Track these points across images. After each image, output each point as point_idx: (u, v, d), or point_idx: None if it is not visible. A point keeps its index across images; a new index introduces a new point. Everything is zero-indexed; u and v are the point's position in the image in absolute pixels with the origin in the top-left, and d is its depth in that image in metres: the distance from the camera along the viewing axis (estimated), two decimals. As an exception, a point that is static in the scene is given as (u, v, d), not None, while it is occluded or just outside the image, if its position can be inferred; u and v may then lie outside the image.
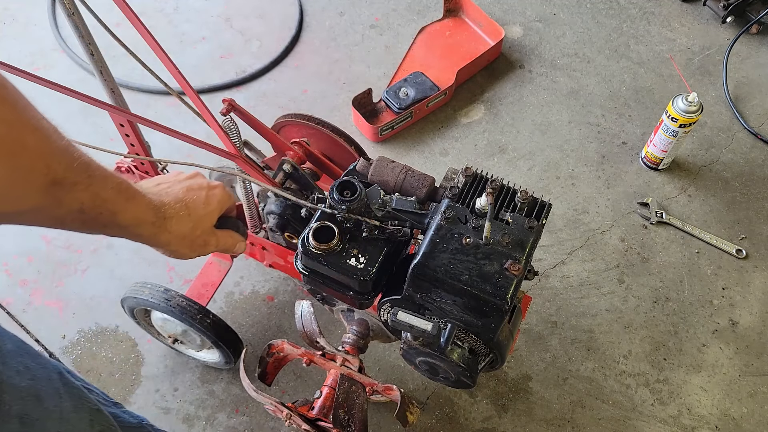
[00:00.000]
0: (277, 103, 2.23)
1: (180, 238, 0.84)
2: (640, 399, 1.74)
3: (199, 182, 0.89)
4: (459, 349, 1.06)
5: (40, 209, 0.65)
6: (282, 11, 2.45)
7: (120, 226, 0.75)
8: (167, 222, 0.81)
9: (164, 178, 0.89)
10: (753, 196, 2.06)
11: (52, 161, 0.63)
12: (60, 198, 0.65)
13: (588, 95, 2.27)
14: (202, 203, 0.86)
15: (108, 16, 1.19)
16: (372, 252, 1.06)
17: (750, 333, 1.83)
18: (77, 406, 0.89)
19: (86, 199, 0.68)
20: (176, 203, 0.83)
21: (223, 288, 1.85)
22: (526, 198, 1.05)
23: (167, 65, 1.28)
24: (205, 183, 0.89)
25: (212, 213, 0.88)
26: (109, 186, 0.71)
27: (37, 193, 0.63)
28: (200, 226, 0.86)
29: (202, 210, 0.86)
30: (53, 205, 0.65)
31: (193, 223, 0.85)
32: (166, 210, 0.81)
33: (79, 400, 0.90)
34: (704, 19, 2.45)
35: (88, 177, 0.68)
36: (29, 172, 0.61)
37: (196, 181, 0.89)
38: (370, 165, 1.14)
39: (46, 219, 0.68)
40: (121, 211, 0.74)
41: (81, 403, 0.90)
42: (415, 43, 2.34)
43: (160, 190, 0.84)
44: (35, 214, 0.65)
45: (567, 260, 1.94)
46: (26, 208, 0.64)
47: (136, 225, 0.77)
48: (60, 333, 1.81)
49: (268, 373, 1.39)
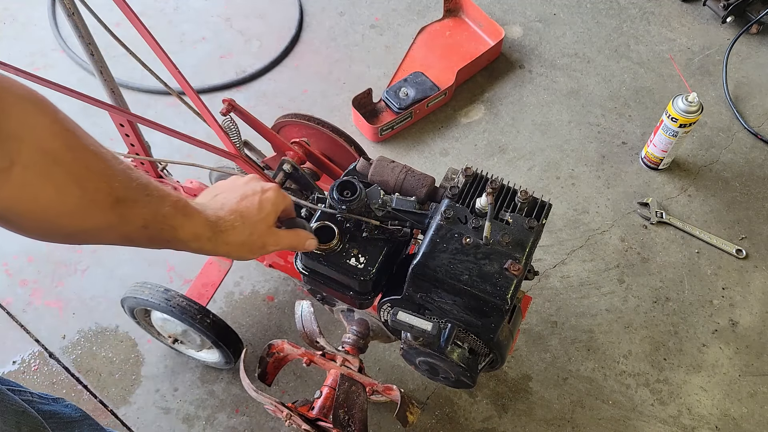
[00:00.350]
0: (277, 103, 2.23)
1: (238, 246, 0.87)
2: (640, 399, 1.74)
3: (253, 188, 0.92)
4: (459, 349, 1.06)
5: (111, 226, 0.71)
6: (282, 11, 2.45)
7: (181, 241, 0.80)
8: (223, 235, 0.85)
9: (221, 187, 0.92)
10: (753, 196, 2.06)
11: (113, 182, 0.69)
12: (125, 215, 0.71)
13: (588, 95, 2.27)
14: (256, 209, 0.89)
15: (108, 16, 1.19)
16: (372, 252, 1.06)
17: (750, 333, 1.83)
18: (1, 409, 0.88)
19: (148, 215, 0.74)
20: (231, 215, 0.86)
21: (223, 288, 1.85)
22: (526, 198, 1.05)
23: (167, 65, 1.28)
24: (259, 188, 0.92)
25: (267, 217, 0.91)
26: (167, 204, 0.76)
27: (104, 211, 0.69)
28: (256, 231, 0.89)
29: (256, 216, 0.89)
30: (120, 222, 0.71)
31: (249, 230, 0.88)
32: (222, 224, 0.85)
33: (2, 404, 0.90)
34: (704, 19, 2.45)
35: (146, 195, 0.73)
36: (95, 192, 0.67)
37: (250, 186, 0.92)
38: (370, 165, 1.14)
39: (118, 236, 0.73)
40: (180, 227, 0.78)
41: (4, 407, 0.90)
42: (415, 43, 2.34)
43: (216, 203, 0.88)
44: (108, 231, 0.71)
45: (567, 260, 1.94)
46: (99, 225, 0.70)
47: (195, 240, 0.81)
48: (60, 333, 1.81)
49: (268, 373, 1.39)
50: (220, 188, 0.92)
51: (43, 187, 0.63)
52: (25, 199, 0.62)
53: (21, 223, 0.65)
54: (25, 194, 0.61)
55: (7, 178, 0.59)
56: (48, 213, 0.65)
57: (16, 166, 0.60)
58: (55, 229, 0.68)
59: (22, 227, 0.66)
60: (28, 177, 0.61)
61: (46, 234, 0.68)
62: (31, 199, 0.62)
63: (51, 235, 0.69)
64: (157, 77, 1.32)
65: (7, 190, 0.60)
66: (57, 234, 0.69)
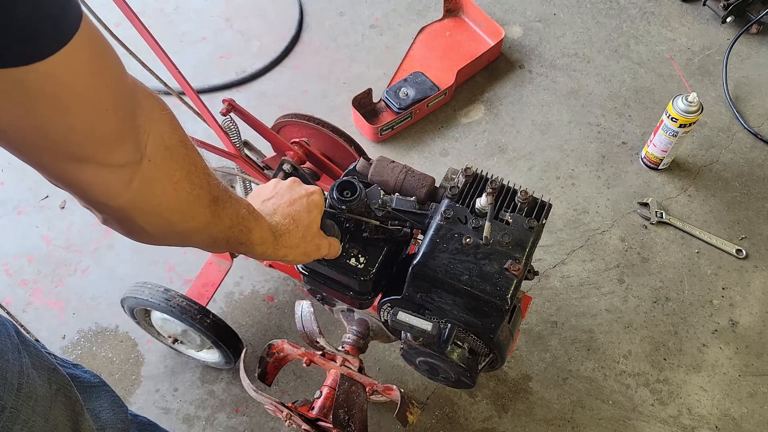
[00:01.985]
0: (277, 103, 2.23)
1: (294, 248, 0.91)
2: (640, 399, 1.74)
3: (299, 192, 0.94)
4: (459, 349, 1.06)
5: (206, 225, 0.72)
6: (282, 11, 2.45)
7: (251, 243, 0.82)
8: (282, 238, 0.88)
9: (266, 192, 0.95)
10: (753, 196, 2.06)
11: (211, 179, 0.71)
12: (217, 214, 0.73)
13: (588, 95, 2.27)
14: (306, 212, 0.92)
15: (108, 16, 1.19)
16: (372, 252, 1.06)
17: (750, 333, 1.83)
18: (35, 363, 0.90)
19: (233, 215, 0.76)
20: (285, 219, 0.89)
21: (223, 288, 1.85)
22: (526, 198, 1.05)
23: (167, 65, 1.28)
24: (304, 191, 0.95)
25: (316, 218, 0.94)
26: (243, 206, 0.79)
27: (206, 208, 0.71)
28: (308, 233, 0.92)
29: (306, 219, 0.92)
30: (213, 221, 0.73)
31: (302, 233, 0.91)
32: (279, 228, 0.88)
33: (37, 358, 0.91)
34: (704, 19, 2.45)
35: (229, 197, 0.75)
36: (200, 188, 0.68)
37: (297, 191, 0.94)
38: (370, 165, 1.14)
39: (207, 236, 0.75)
40: (254, 229, 0.81)
41: (39, 361, 0.91)
42: (415, 43, 2.34)
43: (267, 208, 0.90)
44: (203, 230, 0.72)
45: (567, 260, 1.95)
46: (199, 223, 0.71)
47: (261, 243, 0.84)
48: (60, 333, 1.81)
49: (268, 373, 1.39)
50: (264, 194, 0.94)
51: (164, 181, 0.64)
52: (150, 194, 0.63)
53: (141, 220, 0.65)
54: (150, 189, 0.62)
55: (137, 170, 0.60)
56: (164, 209, 0.65)
57: (144, 159, 0.60)
58: (166, 226, 0.68)
59: (138, 225, 0.66)
60: (154, 171, 0.62)
61: (158, 232, 0.68)
62: (154, 194, 0.63)
63: (161, 233, 0.69)
64: (157, 77, 1.32)
65: (136, 183, 0.61)
66: (167, 232, 0.69)
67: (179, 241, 0.74)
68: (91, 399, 1.13)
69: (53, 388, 0.93)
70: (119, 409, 1.19)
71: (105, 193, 0.60)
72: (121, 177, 0.60)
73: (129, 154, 0.59)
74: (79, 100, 0.53)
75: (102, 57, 0.55)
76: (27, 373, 0.86)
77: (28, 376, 0.86)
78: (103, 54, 0.56)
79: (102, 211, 0.64)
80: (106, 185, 0.59)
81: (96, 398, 1.15)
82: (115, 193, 0.60)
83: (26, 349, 0.88)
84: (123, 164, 0.59)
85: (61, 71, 0.50)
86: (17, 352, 0.85)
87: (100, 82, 0.55)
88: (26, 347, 0.89)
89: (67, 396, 0.96)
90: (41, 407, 0.88)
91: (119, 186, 0.60)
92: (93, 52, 0.54)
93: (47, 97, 0.51)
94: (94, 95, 0.54)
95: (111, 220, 0.65)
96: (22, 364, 0.85)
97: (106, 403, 1.16)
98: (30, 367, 0.87)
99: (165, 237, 0.70)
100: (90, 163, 0.57)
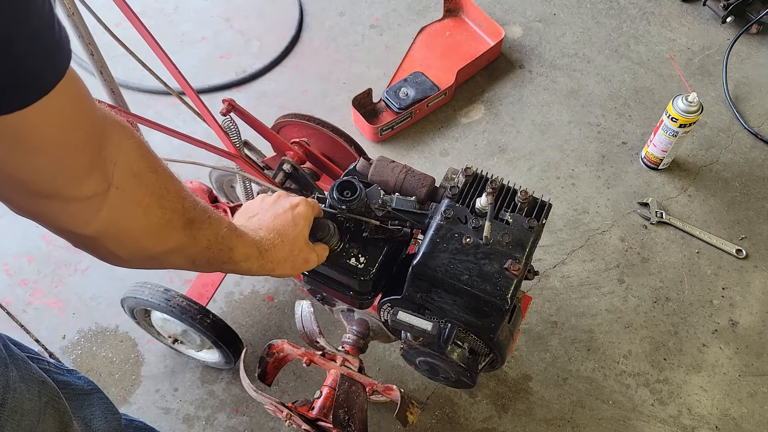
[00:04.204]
0: (277, 103, 2.23)
1: (282, 262, 0.90)
2: (640, 399, 1.74)
3: (283, 205, 0.94)
4: (459, 349, 1.06)
5: (182, 247, 0.72)
6: (282, 11, 2.45)
7: (235, 261, 0.82)
8: (268, 253, 0.87)
9: (252, 209, 0.95)
10: (753, 196, 2.06)
11: (185, 203, 0.71)
12: (194, 236, 0.73)
13: (588, 95, 2.27)
14: (291, 225, 0.92)
15: (108, 16, 1.20)
16: (372, 252, 1.06)
17: (750, 333, 1.83)
18: (24, 376, 0.90)
19: (211, 236, 0.76)
20: (270, 233, 0.89)
21: (223, 288, 1.85)
22: (526, 198, 1.05)
23: (167, 65, 1.28)
24: (288, 204, 0.95)
25: (303, 231, 0.94)
26: (224, 225, 0.79)
27: (178, 231, 0.71)
28: (296, 246, 0.92)
29: (292, 232, 0.92)
30: (189, 243, 0.73)
31: (289, 246, 0.91)
32: (264, 243, 0.87)
33: (26, 371, 0.91)
34: (704, 19, 2.45)
35: (208, 217, 0.76)
36: (172, 212, 0.69)
37: (281, 204, 0.95)
38: (370, 165, 1.14)
39: (185, 258, 0.75)
40: (235, 248, 0.81)
41: (28, 374, 0.91)
42: (415, 43, 2.34)
43: (253, 224, 0.90)
44: (178, 252, 0.73)
45: (567, 260, 1.94)
46: (173, 246, 0.71)
47: (245, 260, 0.84)
48: (60, 333, 1.81)
49: (268, 373, 1.39)
50: (251, 210, 0.95)
51: (133, 208, 0.64)
52: (118, 221, 0.63)
53: (112, 246, 0.65)
54: (118, 216, 0.63)
55: (104, 200, 0.60)
56: (135, 233, 0.66)
57: (111, 188, 0.61)
58: (138, 251, 0.68)
59: (109, 251, 0.66)
60: (121, 199, 0.62)
61: (131, 256, 0.69)
62: (122, 220, 0.63)
63: (134, 258, 0.69)
64: (157, 77, 1.32)
65: (104, 212, 0.61)
66: (139, 256, 0.70)
67: (155, 265, 0.74)
68: (83, 406, 1.13)
69: (42, 401, 0.93)
70: (112, 417, 1.19)
71: (73, 224, 0.60)
72: (89, 207, 0.60)
73: (96, 185, 0.59)
74: (51, 143, 0.53)
75: (78, 101, 0.56)
76: (14, 388, 0.86)
77: (15, 390, 0.86)
78: (79, 98, 0.56)
79: (72, 239, 0.64)
80: (74, 216, 0.60)
81: (88, 405, 1.14)
82: (84, 223, 0.61)
83: (14, 363, 0.88)
84: (91, 195, 0.59)
85: (38, 119, 0.51)
86: (4, 366, 0.85)
87: (74, 124, 0.55)
88: (14, 361, 0.89)
89: (55, 408, 0.96)
90: (27, 421, 0.88)
91: (87, 216, 0.60)
92: (70, 98, 0.54)
93: (20, 142, 0.51)
94: (67, 137, 0.55)
95: (81, 246, 0.66)
96: (8, 379, 0.85)
97: (98, 411, 1.16)
98: (18, 381, 0.87)
99: (139, 261, 0.71)
100: (58, 197, 0.57)
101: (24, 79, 0.48)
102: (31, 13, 0.47)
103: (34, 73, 0.49)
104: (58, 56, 0.51)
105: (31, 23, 0.47)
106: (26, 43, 0.47)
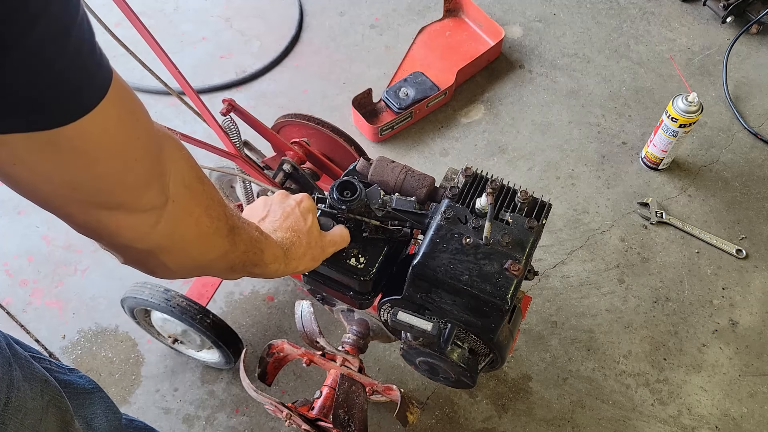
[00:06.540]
0: (277, 103, 2.23)
1: (303, 257, 0.93)
2: (640, 399, 1.74)
3: (290, 204, 0.97)
4: (459, 349, 1.06)
5: (225, 254, 0.74)
6: (282, 11, 2.45)
7: (265, 262, 0.84)
8: (290, 251, 0.90)
9: (259, 212, 0.97)
10: (753, 196, 2.06)
11: (226, 210, 0.73)
12: (234, 242, 0.75)
13: (588, 95, 2.27)
14: (302, 221, 0.95)
15: (108, 16, 1.19)
16: (372, 252, 1.06)
17: (750, 333, 1.83)
18: (27, 376, 0.90)
19: (247, 240, 0.78)
20: (287, 233, 0.92)
21: (223, 288, 1.85)
22: (526, 198, 1.05)
23: (167, 65, 1.28)
24: (294, 202, 0.97)
25: (313, 223, 0.97)
26: (254, 228, 0.81)
27: (224, 239, 0.72)
28: (311, 240, 0.95)
29: (304, 227, 0.94)
30: (231, 249, 0.75)
31: (306, 241, 0.93)
32: (285, 242, 0.90)
33: (29, 371, 0.92)
34: (704, 19, 2.45)
35: (243, 222, 0.78)
36: (218, 220, 0.70)
37: (287, 203, 0.97)
38: (370, 165, 1.14)
39: (226, 264, 0.76)
40: (266, 249, 0.83)
41: (31, 373, 0.92)
42: (415, 43, 2.34)
43: (269, 227, 0.92)
44: (221, 259, 0.74)
45: (567, 260, 1.94)
46: (218, 253, 0.73)
47: (273, 261, 0.86)
48: (60, 333, 1.81)
49: (268, 373, 1.39)
50: (258, 213, 0.96)
51: (186, 219, 0.66)
52: (174, 233, 0.64)
53: (165, 258, 0.66)
54: (174, 228, 0.64)
55: (162, 213, 0.61)
56: (187, 245, 0.67)
57: (169, 201, 0.62)
58: (189, 262, 0.70)
59: (162, 263, 0.67)
60: (177, 211, 0.63)
61: (179, 267, 0.70)
62: (178, 232, 0.65)
63: (183, 269, 0.70)
64: (157, 77, 1.32)
65: (162, 224, 0.62)
66: (188, 266, 0.71)
67: (198, 273, 0.76)
68: (84, 405, 1.13)
69: (45, 400, 0.93)
70: (113, 416, 1.19)
71: (132, 237, 0.61)
72: (148, 220, 0.61)
73: (156, 197, 0.60)
74: (111, 154, 0.54)
75: (132, 110, 0.57)
76: (17, 387, 0.86)
77: (18, 390, 0.86)
78: (133, 107, 0.57)
79: (126, 254, 0.65)
80: (134, 229, 0.60)
81: (89, 404, 1.15)
82: (143, 236, 0.61)
83: (18, 362, 0.89)
84: (150, 208, 0.60)
85: (94, 128, 0.51)
86: (7, 366, 0.85)
87: (131, 135, 0.56)
88: (18, 360, 0.89)
89: (57, 407, 0.97)
90: (30, 420, 0.88)
91: (146, 228, 0.61)
92: (124, 106, 0.55)
93: (80, 153, 0.52)
94: (125, 148, 0.56)
95: (133, 261, 0.67)
96: (12, 378, 0.86)
97: (99, 410, 1.16)
98: (21, 380, 0.88)
99: (186, 271, 0.72)
100: (119, 210, 0.58)
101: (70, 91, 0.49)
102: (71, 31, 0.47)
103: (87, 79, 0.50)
104: (103, 61, 0.52)
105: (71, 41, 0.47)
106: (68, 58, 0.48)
